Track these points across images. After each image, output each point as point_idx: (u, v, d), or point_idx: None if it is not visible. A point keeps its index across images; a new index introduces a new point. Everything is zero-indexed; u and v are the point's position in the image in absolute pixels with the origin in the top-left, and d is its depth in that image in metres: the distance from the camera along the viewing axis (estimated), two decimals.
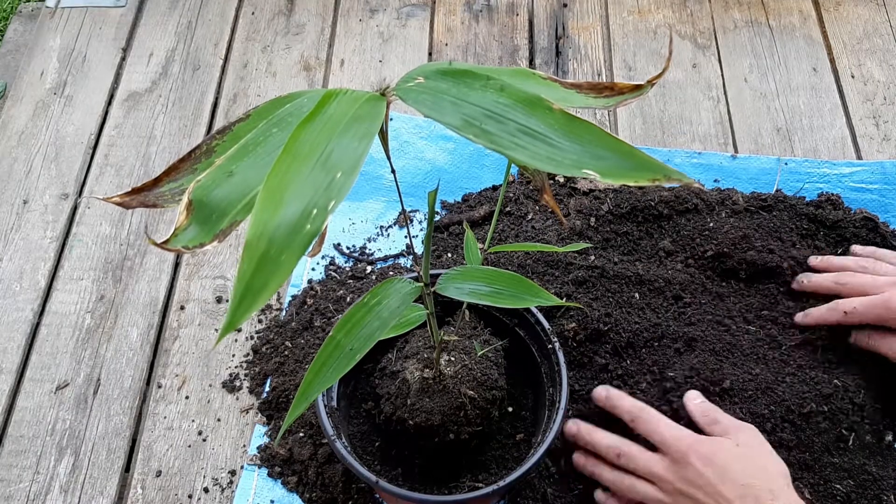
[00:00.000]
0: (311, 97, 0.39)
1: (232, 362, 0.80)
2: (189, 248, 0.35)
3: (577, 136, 0.35)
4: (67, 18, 1.09)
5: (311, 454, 0.72)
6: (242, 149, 0.37)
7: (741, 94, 1.01)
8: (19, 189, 0.93)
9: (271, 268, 0.32)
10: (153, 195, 0.39)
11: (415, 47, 1.06)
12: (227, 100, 1.01)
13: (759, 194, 0.88)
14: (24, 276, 0.86)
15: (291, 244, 0.32)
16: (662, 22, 1.08)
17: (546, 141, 0.35)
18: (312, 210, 0.32)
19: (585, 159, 0.34)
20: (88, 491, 0.73)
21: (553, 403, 0.64)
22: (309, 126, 0.35)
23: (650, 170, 0.33)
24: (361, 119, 0.35)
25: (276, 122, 0.38)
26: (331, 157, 0.34)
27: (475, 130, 0.35)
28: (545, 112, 0.36)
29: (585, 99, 0.42)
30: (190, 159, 0.39)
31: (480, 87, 0.37)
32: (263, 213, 0.32)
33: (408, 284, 0.51)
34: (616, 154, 0.34)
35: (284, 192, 0.32)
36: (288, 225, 0.32)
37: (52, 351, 0.81)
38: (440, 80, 0.38)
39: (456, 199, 0.91)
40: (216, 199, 0.35)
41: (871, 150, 0.95)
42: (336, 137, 0.34)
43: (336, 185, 0.33)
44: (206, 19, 1.09)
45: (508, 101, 0.36)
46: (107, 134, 0.98)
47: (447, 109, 0.37)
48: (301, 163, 0.33)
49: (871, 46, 1.04)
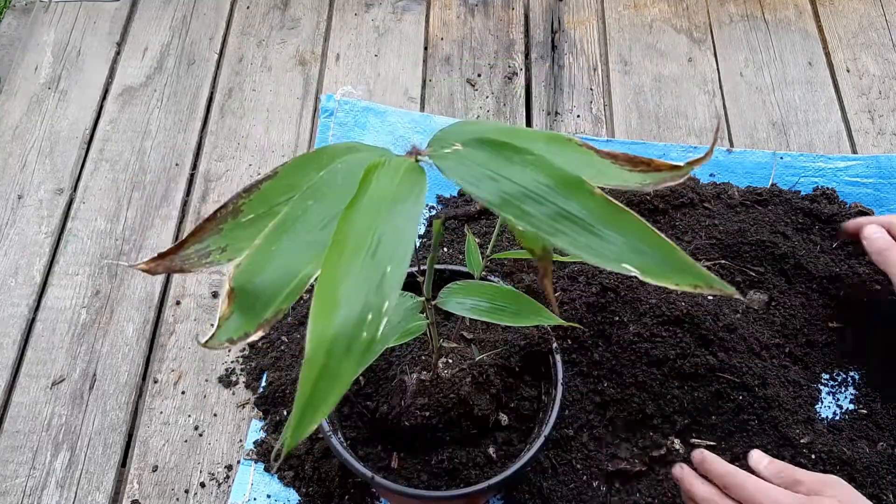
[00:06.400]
0: (346, 163, 0.37)
1: (228, 357, 0.80)
2: (234, 340, 0.34)
3: (618, 226, 0.34)
4: (61, 13, 1.09)
5: (308, 449, 0.72)
6: (280, 227, 0.35)
7: (737, 88, 1.01)
8: (14, 184, 0.92)
9: (331, 381, 0.31)
10: (179, 259, 0.37)
11: (410, 41, 1.06)
12: (223, 94, 1.01)
13: (755, 188, 0.88)
14: (19, 271, 0.86)
15: (350, 355, 0.31)
16: (658, 16, 1.08)
17: (587, 228, 0.34)
18: (367, 315, 0.31)
19: (626, 253, 0.33)
20: (85, 486, 0.73)
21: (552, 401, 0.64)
22: (353, 213, 0.33)
23: (692, 274, 0.32)
24: (404, 198, 0.34)
25: (310, 194, 0.36)
26: (379, 247, 0.32)
27: (515, 211, 0.34)
28: (587, 196, 0.34)
29: (621, 173, 0.40)
30: (215, 219, 0.38)
31: (520, 161, 0.36)
32: (319, 322, 0.31)
33: (409, 299, 0.51)
34: (657, 251, 0.33)
35: (337, 294, 0.31)
36: (345, 335, 0.31)
37: (48, 346, 0.81)
38: (478, 150, 0.37)
39: (452, 193, 0.91)
40: (259, 286, 0.34)
41: (866, 145, 0.95)
42: (382, 223, 0.33)
43: (387, 281, 0.32)
44: (200, 13, 1.09)
45: (548, 180, 0.35)
46: (101, 129, 0.97)
47: (485, 185, 0.35)
48: (350, 259, 0.32)
49: (867, 41, 1.05)
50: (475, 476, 0.64)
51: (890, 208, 0.87)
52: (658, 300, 0.76)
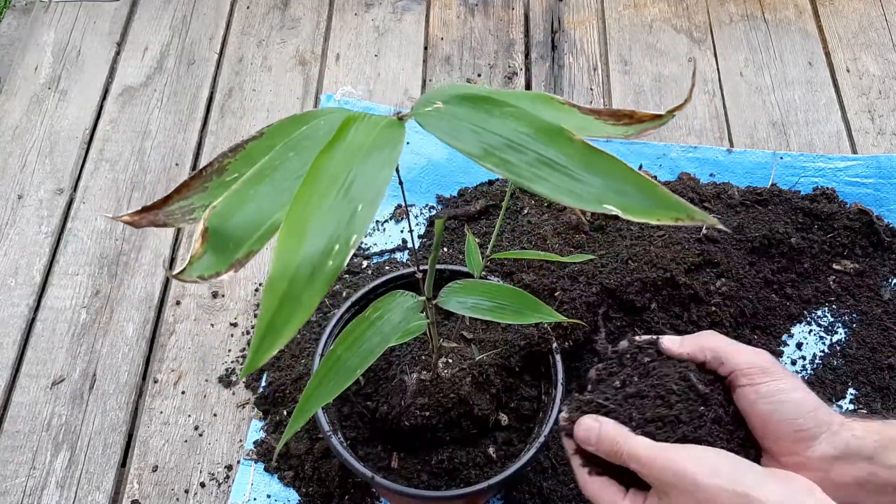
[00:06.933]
0: (329, 120, 0.38)
1: (228, 357, 0.80)
2: (205, 277, 0.34)
3: (599, 168, 0.34)
4: (61, 12, 1.09)
5: (308, 449, 0.72)
6: (259, 173, 0.36)
7: (737, 88, 1.01)
8: (14, 184, 0.92)
9: (293, 307, 0.31)
10: (163, 214, 0.38)
11: (410, 41, 1.06)
12: (223, 94, 1.01)
13: (755, 188, 0.88)
14: (18, 271, 0.86)
15: (314, 283, 0.31)
16: (658, 16, 1.08)
17: (567, 173, 0.34)
18: (334, 246, 0.31)
19: (607, 193, 0.33)
20: (85, 486, 0.73)
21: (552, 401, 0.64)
22: (329, 154, 0.34)
23: (672, 208, 0.33)
24: (381, 146, 0.35)
25: (292, 146, 0.37)
26: (352, 187, 0.33)
27: (495, 160, 0.35)
28: (566, 143, 0.35)
29: (604, 126, 0.41)
30: (201, 177, 0.38)
31: (500, 114, 0.36)
32: (285, 250, 0.31)
33: (410, 299, 0.51)
34: (637, 189, 0.33)
35: (306, 226, 0.32)
36: (310, 262, 0.31)
37: (48, 346, 0.81)
38: (459, 106, 0.37)
39: (451, 193, 0.91)
40: (233, 228, 0.35)
41: (866, 145, 0.95)
42: (357, 166, 0.34)
43: (358, 218, 0.32)
44: (200, 13, 1.09)
45: (528, 129, 0.35)
46: (101, 129, 0.97)
47: (466, 137, 0.36)
48: (322, 195, 0.32)
49: (867, 41, 1.05)
50: (475, 476, 0.64)
51: (890, 208, 0.88)
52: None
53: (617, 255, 0.80)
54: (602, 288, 0.77)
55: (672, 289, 0.78)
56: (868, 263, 0.84)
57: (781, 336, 0.80)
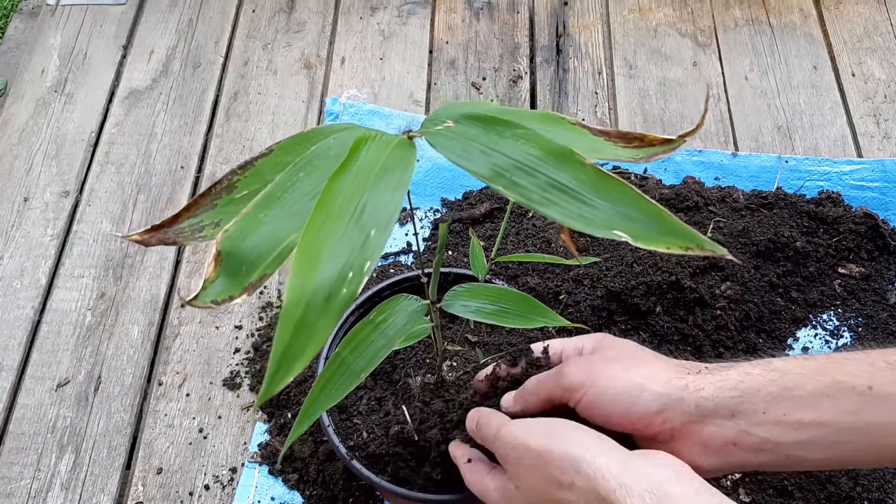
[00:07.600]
0: (339, 139, 0.38)
1: (233, 360, 0.81)
2: (218, 302, 0.34)
3: (609, 193, 0.34)
4: (68, 16, 1.09)
5: (312, 452, 0.72)
6: (270, 196, 0.35)
7: (742, 92, 1.01)
8: (20, 187, 0.93)
9: (308, 334, 0.31)
10: (172, 232, 0.38)
11: (415, 45, 1.06)
12: (228, 97, 1.01)
13: (760, 192, 0.88)
14: (24, 273, 0.86)
15: (329, 310, 0.31)
16: (663, 20, 1.08)
17: (577, 197, 0.34)
18: (348, 273, 0.31)
19: (616, 220, 0.33)
20: (89, 488, 0.73)
21: None
22: (341, 178, 0.34)
23: (682, 236, 0.33)
24: (392, 168, 0.35)
25: (302, 166, 0.36)
26: (364, 212, 0.33)
27: (505, 182, 0.35)
28: (577, 167, 0.35)
29: (614, 149, 0.41)
30: (210, 195, 0.38)
31: (511, 136, 0.36)
32: (300, 278, 0.31)
33: (414, 302, 0.51)
34: (647, 216, 0.33)
35: (320, 254, 0.31)
36: (325, 290, 0.31)
37: (53, 348, 0.81)
38: (469, 126, 0.37)
39: (457, 196, 0.91)
40: (245, 251, 0.34)
41: (871, 149, 0.95)
42: (369, 190, 0.33)
43: (371, 244, 0.32)
44: (206, 17, 1.09)
45: (539, 152, 0.35)
46: (107, 132, 0.98)
47: (476, 158, 0.36)
48: (335, 220, 0.32)
49: (872, 45, 1.04)
50: None
51: (895, 212, 0.87)
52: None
53: (622, 259, 0.80)
54: (607, 291, 0.77)
55: (677, 292, 0.78)
56: (874, 267, 0.84)
57: (787, 340, 0.80)
